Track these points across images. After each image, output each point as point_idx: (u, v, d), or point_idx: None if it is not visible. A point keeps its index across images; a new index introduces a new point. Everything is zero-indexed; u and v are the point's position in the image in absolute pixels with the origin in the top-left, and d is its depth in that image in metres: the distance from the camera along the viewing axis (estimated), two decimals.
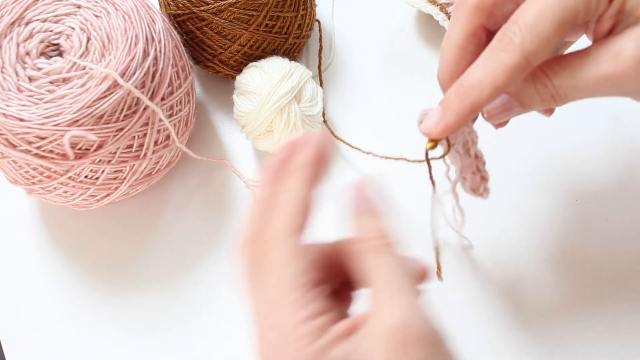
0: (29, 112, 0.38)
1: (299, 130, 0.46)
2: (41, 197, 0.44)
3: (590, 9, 0.29)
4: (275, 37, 0.48)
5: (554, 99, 0.31)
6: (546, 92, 0.31)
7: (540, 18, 0.29)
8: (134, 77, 0.40)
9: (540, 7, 0.29)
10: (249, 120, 0.45)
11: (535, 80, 0.31)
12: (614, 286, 0.43)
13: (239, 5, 0.45)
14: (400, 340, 0.23)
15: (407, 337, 0.24)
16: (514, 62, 0.29)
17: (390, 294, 0.25)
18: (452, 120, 0.31)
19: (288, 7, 0.47)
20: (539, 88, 0.31)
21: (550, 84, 0.31)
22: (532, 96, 0.31)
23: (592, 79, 0.30)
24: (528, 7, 0.29)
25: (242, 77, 0.47)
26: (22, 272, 0.47)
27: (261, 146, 0.47)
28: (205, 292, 0.45)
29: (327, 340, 0.24)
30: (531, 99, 0.32)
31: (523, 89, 0.32)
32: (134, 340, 0.44)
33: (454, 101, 0.31)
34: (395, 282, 0.25)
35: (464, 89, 0.31)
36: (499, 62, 0.30)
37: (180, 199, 0.49)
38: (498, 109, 0.32)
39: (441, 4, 0.52)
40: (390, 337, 0.24)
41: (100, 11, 0.42)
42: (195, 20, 0.47)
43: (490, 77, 0.30)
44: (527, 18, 0.29)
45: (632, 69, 0.29)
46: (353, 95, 0.52)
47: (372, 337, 0.24)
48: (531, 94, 0.31)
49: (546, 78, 0.31)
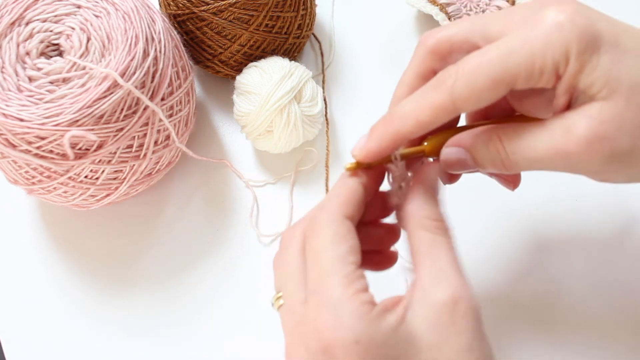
0: (29, 112, 0.38)
1: (299, 131, 0.46)
2: (41, 197, 0.44)
3: (532, 77, 0.29)
4: (275, 37, 0.48)
5: (504, 165, 0.31)
6: (497, 156, 0.31)
7: (477, 69, 0.29)
8: (134, 77, 0.40)
9: (482, 61, 0.29)
10: (249, 120, 0.45)
11: (489, 142, 0.31)
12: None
13: (239, 5, 0.45)
14: (450, 311, 0.27)
15: (457, 309, 0.28)
16: (440, 102, 0.30)
17: (443, 270, 0.29)
18: (373, 146, 0.32)
19: (288, 7, 0.47)
20: (492, 151, 0.31)
21: (502, 149, 0.31)
22: (484, 156, 0.32)
23: (542, 151, 0.30)
24: (472, 57, 0.30)
25: (242, 77, 0.47)
26: (22, 272, 0.47)
27: (261, 146, 0.47)
28: (205, 292, 0.45)
29: (380, 309, 0.28)
30: (483, 159, 0.32)
31: (478, 147, 0.32)
32: (134, 340, 0.44)
33: (379, 128, 0.32)
34: (449, 260, 0.29)
35: (390, 117, 0.32)
36: (427, 100, 0.31)
37: (180, 199, 0.49)
38: (454, 159, 0.33)
39: (441, 4, 0.52)
40: (442, 308, 0.27)
41: (100, 11, 0.42)
42: (195, 20, 0.47)
43: (415, 111, 0.31)
44: (466, 66, 0.30)
45: (581, 146, 0.28)
46: (353, 95, 0.52)
47: (425, 307, 0.28)
48: (483, 154, 0.32)
49: (499, 143, 0.31)
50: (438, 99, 0.31)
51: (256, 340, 0.44)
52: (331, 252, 0.29)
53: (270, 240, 0.47)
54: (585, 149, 0.28)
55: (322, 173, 0.49)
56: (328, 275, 0.29)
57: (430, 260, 0.29)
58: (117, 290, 0.46)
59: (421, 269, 0.29)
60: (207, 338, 0.44)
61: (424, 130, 0.31)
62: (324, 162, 0.49)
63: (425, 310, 0.28)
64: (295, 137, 0.46)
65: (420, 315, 0.28)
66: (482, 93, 0.30)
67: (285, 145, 0.46)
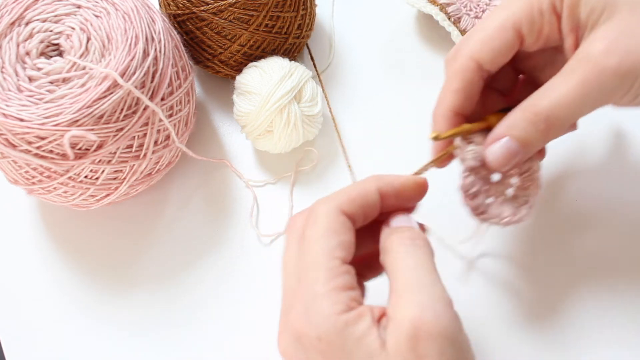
0: (29, 112, 0.38)
1: (299, 130, 0.46)
2: (41, 197, 0.44)
3: (534, 21, 0.32)
4: (275, 37, 0.48)
5: (548, 124, 0.32)
6: (538, 119, 0.32)
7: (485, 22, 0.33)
8: (133, 77, 0.40)
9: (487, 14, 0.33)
10: (249, 120, 0.45)
11: (524, 113, 0.32)
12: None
13: (239, 5, 0.45)
14: (413, 334, 0.26)
15: (419, 332, 0.26)
16: (460, 64, 0.34)
17: (409, 290, 0.28)
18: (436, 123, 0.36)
19: (288, 7, 0.47)
20: (531, 118, 0.32)
21: (539, 109, 0.32)
22: (527, 129, 0.32)
23: (574, 92, 0.30)
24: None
25: (242, 77, 0.47)
26: (22, 272, 0.47)
27: (261, 146, 0.47)
28: (205, 292, 0.45)
29: (354, 314, 0.28)
30: (527, 133, 0.32)
31: (516, 125, 0.32)
32: (134, 340, 0.44)
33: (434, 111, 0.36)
34: (411, 278, 0.28)
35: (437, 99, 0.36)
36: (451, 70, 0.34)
37: (180, 199, 0.49)
38: (500, 153, 0.33)
39: (441, 4, 0.52)
40: (406, 331, 0.27)
41: (100, 11, 0.42)
42: (195, 20, 0.47)
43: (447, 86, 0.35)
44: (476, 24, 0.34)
45: (605, 65, 0.30)
46: (353, 95, 0.52)
47: (394, 327, 0.27)
48: (525, 127, 0.32)
49: (534, 106, 0.32)
50: (458, 62, 0.33)
51: (256, 340, 0.44)
52: (320, 244, 0.29)
53: (270, 240, 0.47)
54: (610, 66, 0.29)
55: (323, 173, 0.49)
56: (312, 266, 0.29)
57: (394, 278, 0.29)
58: (117, 290, 0.46)
59: (391, 288, 0.29)
60: (207, 338, 0.44)
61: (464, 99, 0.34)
62: (323, 162, 0.49)
63: (392, 332, 0.27)
64: (295, 137, 0.46)
65: (390, 336, 0.27)
66: (493, 42, 0.32)
67: (285, 145, 0.46)
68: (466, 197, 0.35)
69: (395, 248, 0.30)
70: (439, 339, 0.27)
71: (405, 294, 0.28)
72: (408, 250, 0.29)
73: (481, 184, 0.35)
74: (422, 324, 0.27)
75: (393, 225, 0.31)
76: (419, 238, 0.30)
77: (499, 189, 0.35)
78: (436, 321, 0.27)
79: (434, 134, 0.33)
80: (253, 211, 0.48)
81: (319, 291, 0.28)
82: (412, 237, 0.30)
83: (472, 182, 0.34)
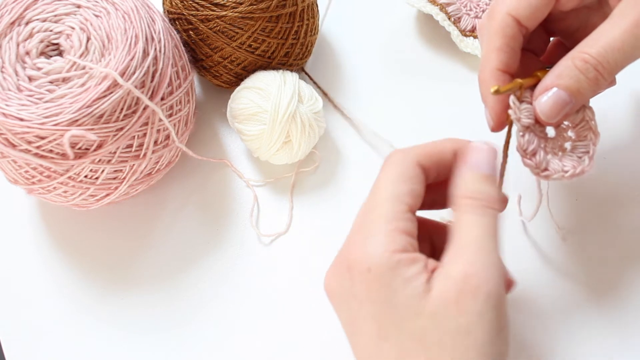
0: (29, 111, 0.38)
1: (314, 130, 0.46)
2: (41, 197, 0.44)
3: None
4: (257, 59, 0.47)
5: (598, 71, 0.31)
6: (588, 66, 0.31)
7: None
8: (133, 77, 0.40)
9: None
10: (263, 139, 0.45)
11: (574, 61, 0.32)
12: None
13: (226, 19, 0.44)
14: (458, 289, 0.28)
15: (465, 288, 0.28)
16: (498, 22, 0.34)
17: (465, 248, 0.29)
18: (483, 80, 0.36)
19: (275, 34, 0.46)
20: (580, 65, 0.31)
21: (588, 56, 0.31)
22: (576, 77, 0.32)
23: (625, 33, 0.30)
24: None
25: (236, 104, 0.46)
26: (22, 272, 0.47)
27: (279, 160, 0.47)
28: (205, 292, 0.45)
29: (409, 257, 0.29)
30: (577, 81, 0.32)
31: (566, 74, 0.32)
32: (134, 340, 0.44)
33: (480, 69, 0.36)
34: (474, 239, 0.29)
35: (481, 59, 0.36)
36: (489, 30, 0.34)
37: (180, 198, 0.49)
38: (550, 105, 0.33)
39: (441, 3, 0.52)
40: (452, 283, 0.28)
41: (100, 11, 0.42)
42: (184, 22, 0.46)
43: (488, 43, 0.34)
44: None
45: None
46: (353, 95, 0.52)
47: (442, 278, 0.28)
48: (574, 75, 0.32)
49: (583, 53, 0.32)
50: (497, 19, 0.33)
51: (256, 340, 0.43)
52: (392, 187, 0.31)
53: (270, 240, 0.47)
54: None
55: (323, 173, 0.49)
56: (380, 205, 0.30)
57: (458, 236, 0.30)
58: (117, 290, 0.46)
59: (451, 243, 0.30)
60: (207, 338, 0.44)
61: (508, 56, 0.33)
62: (324, 162, 0.49)
63: (440, 282, 0.28)
64: (312, 138, 0.46)
65: (437, 285, 0.28)
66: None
67: (305, 150, 0.46)
68: (525, 156, 0.34)
69: (465, 209, 0.30)
70: (483, 299, 0.27)
71: (463, 252, 0.29)
72: (478, 215, 0.30)
73: (538, 140, 0.34)
74: (471, 280, 0.28)
75: (474, 167, 0.31)
76: (492, 206, 0.30)
77: (557, 144, 0.35)
78: (485, 283, 0.28)
79: (494, 88, 0.32)
80: (253, 211, 0.48)
81: (381, 228, 0.29)
82: (485, 205, 0.30)
83: (529, 139, 0.34)
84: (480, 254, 0.29)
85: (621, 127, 0.48)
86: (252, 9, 0.44)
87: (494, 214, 0.30)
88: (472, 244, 0.29)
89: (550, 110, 0.33)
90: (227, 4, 0.44)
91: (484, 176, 0.31)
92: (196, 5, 0.45)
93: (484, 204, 0.30)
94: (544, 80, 0.33)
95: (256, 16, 0.45)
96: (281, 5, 0.45)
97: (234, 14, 0.44)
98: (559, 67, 0.32)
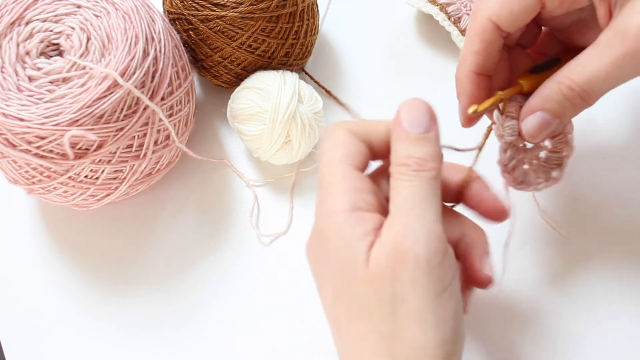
0: (29, 111, 0.38)
1: (314, 130, 0.46)
2: (41, 197, 0.44)
3: None
4: (258, 59, 0.47)
5: (583, 98, 0.32)
6: (573, 94, 0.32)
7: None
8: (133, 77, 0.40)
9: None
10: (263, 139, 0.45)
11: (559, 86, 0.32)
12: None
13: (226, 20, 0.44)
14: (392, 255, 0.28)
15: (398, 254, 0.27)
16: (478, 24, 0.34)
17: (399, 215, 0.29)
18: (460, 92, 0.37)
19: (275, 34, 0.46)
20: (565, 92, 0.32)
21: (574, 84, 0.32)
22: (561, 103, 0.32)
23: (611, 64, 0.31)
24: None
25: (237, 104, 0.46)
26: (22, 272, 0.47)
27: (279, 160, 0.47)
28: (205, 292, 0.45)
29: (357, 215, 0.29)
30: (562, 106, 0.33)
31: (551, 98, 0.33)
32: (134, 340, 0.44)
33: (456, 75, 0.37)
34: (405, 205, 0.29)
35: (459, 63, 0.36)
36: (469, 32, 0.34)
37: (180, 198, 0.49)
38: (536, 127, 0.34)
39: (441, 3, 0.52)
40: (387, 250, 0.28)
41: (100, 11, 0.42)
42: (184, 22, 0.46)
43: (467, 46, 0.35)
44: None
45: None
46: (353, 95, 0.52)
47: (379, 244, 0.28)
48: (560, 100, 0.32)
49: (569, 80, 0.32)
50: (477, 22, 0.33)
51: (256, 340, 0.44)
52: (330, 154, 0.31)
53: (270, 240, 0.47)
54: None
55: None
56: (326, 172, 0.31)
57: (392, 203, 0.30)
58: (117, 290, 0.46)
59: (389, 206, 0.30)
60: (207, 338, 0.44)
61: (484, 60, 0.34)
62: None
63: (375, 249, 0.28)
64: (312, 138, 0.46)
65: (373, 252, 0.28)
66: (512, 5, 0.32)
67: (305, 150, 0.46)
68: (506, 170, 0.35)
69: (396, 176, 0.30)
70: (412, 265, 0.27)
71: (394, 219, 0.29)
72: (407, 181, 0.29)
73: (518, 155, 0.35)
74: (400, 247, 0.27)
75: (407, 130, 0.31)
76: (424, 168, 0.30)
77: (533, 154, 0.36)
78: (413, 248, 0.27)
79: (472, 108, 0.33)
80: (253, 211, 0.48)
81: (330, 190, 0.30)
82: (415, 169, 0.30)
83: (510, 156, 0.35)
84: (410, 219, 0.28)
85: (621, 127, 0.48)
86: (252, 9, 0.44)
87: (425, 176, 0.29)
88: (403, 210, 0.29)
89: (535, 132, 0.34)
90: (227, 4, 0.44)
91: (414, 138, 0.30)
92: (196, 5, 0.45)
93: (413, 169, 0.30)
94: (531, 100, 0.34)
95: (256, 16, 0.45)
96: (281, 6, 0.45)
97: (234, 14, 0.44)
98: (546, 89, 0.33)
